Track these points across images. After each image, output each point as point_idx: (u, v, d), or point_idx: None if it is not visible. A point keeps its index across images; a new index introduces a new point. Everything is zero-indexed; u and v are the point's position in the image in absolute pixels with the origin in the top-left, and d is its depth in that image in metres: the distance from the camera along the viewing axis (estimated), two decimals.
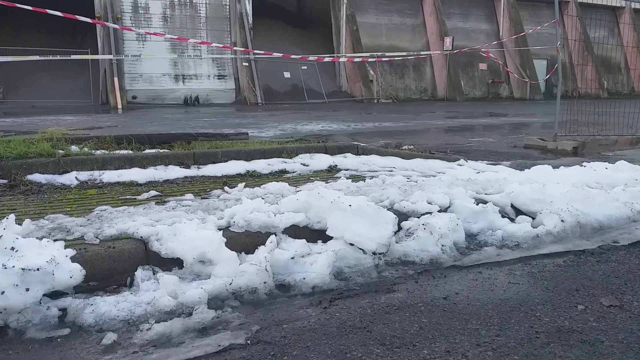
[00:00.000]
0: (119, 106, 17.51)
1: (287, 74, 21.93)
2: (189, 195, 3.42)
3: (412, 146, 5.91)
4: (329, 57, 20.24)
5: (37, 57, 7.08)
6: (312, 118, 11.82)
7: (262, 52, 8.71)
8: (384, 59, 17.47)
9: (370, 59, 18.29)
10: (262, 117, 12.11)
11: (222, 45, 19.33)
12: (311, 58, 16.62)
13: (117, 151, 4.24)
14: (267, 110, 16.70)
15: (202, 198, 3.42)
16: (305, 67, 21.84)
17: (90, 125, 9.58)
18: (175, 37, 16.06)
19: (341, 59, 21.62)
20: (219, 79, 20.92)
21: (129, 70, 19.22)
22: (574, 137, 7.04)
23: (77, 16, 6.43)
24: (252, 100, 19.94)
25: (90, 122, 10.49)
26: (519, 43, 26.28)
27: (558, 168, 4.67)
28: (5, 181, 3.67)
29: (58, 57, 7.73)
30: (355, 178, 4.13)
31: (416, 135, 8.41)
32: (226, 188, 3.64)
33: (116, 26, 14.87)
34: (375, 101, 22.20)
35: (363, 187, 3.54)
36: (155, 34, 15.96)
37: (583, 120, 7.78)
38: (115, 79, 17.82)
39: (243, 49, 17.30)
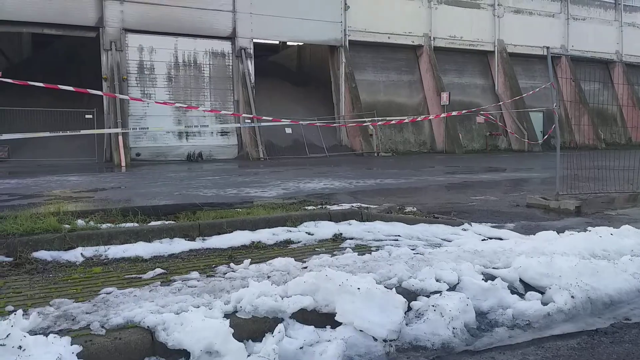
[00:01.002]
0: (123, 164, 17.72)
1: (288, 130, 22.33)
2: (195, 274, 3.41)
3: (414, 208, 5.93)
4: (328, 121, 20.73)
5: (47, 134, 7.21)
6: (314, 175, 11.93)
7: (270, 119, 8.97)
8: (379, 122, 17.83)
9: (369, 123, 18.67)
10: (264, 175, 12.21)
11: (230, 112, 19.91)
12: (318, 124, 17.08)
13: (123, 224, 4.26)
14: (269, 166, 16.87)
15: (207, 276, 3.40)
16: (306, 123, 22.24)
17: (94, 187, 9.66)
18: (184, 105, 16.55)
19: (342, 120, 22.14)
20: (222, 135, 21.28)
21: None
22: (575, 196, 7.08)
23: (88, 89, 6.65)
24: (254, 155, 20.20)
25: (95, 182, 10.57)
26: (514, 98, 26.89)
27: (563, 232, 4.68)
28: (10, 259, 3.66)
29: (68, 133, 7.87)
30: (361, 249, 4.12)
31: (418, 194, 8.45)
32: (232, 265, 3.62)
33: (125, 97, 15.34)
34: (375, 155, 22.48)
35: (370, 262, 3.53)
36: (164, 102, 16.44)
37: (583, 175, 7.86)
38: (120, 137, 18.13)
39: (251, 116, 17.74)
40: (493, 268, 3.45)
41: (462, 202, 7.24)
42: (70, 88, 6.70)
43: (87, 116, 18.88)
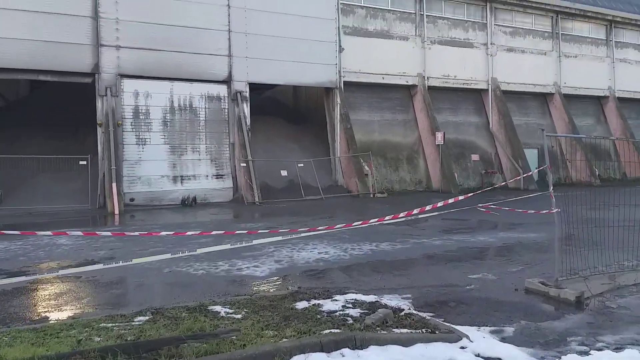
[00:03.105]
0: (116, 211, 17.58)
1: (284, 172, 22.28)
2: None
3: (410, 308, 5.78)
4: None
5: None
6: (308, 238, 11.81)
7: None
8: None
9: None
10: (257, 233, 12.04)
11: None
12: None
13: None
14: (264, 215, 16.74)
15: None
16: (302, 165, 22.25)
17: (83, 258, 9.48)
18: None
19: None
20: (217, 178, 21.20)
21: (127, 174, 19.50)
22: (574, 277, 6.95)
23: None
24: (249, 199, 20.08)
25: (84, 249, 10.39)
26: (509, 136, 27.07)
27: (564, 340, 4.52)
28: None
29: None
30: None
31: (414, 269, 8.30)
32: None
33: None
34: (371, 196, 22.40)
35: None
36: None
37: (580, 236, 7.69)
38: (114, 185, 18.02)
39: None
40: None
41: (459, 285, 7.09)
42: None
43: (81, 162, 18.81)
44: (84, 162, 18.74)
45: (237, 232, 7.40)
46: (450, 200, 7.66)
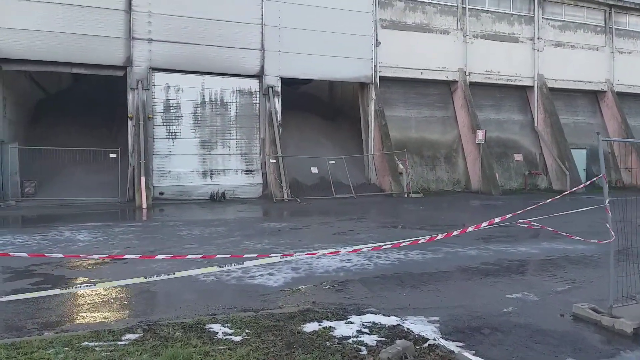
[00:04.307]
0: (144, 205, 17.40)
1: (314, 169, 21.65)
2: None
3: (437, 338, 5.00)
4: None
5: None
6: (334, 237, 11.15)
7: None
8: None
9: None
10: (281, 235, 11.48)
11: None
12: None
13: None
14: (292, 214, 16.18)
15: None
16: (333, 162, 21.55)
17: (99, 251, 9.14)
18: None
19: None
20: (246, 174, 20.80)
21: (157, 167, 19.35)
22: (631, 308, 5.98)
23: None
24: (278, 196, 19.58)
25: (101, 245, 10.07)
26: (555, 135, 25.51)
27: None
28: None
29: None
30: None
31: (444, 284, 7.48)
32: None
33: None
34: (406, 195, 21.49)
35: None
36: None
37: (633, 250, 6.75)
38: (142, 178, 17.85)
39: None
40: None
41: (495, 307, 6.24)
42: None
43: (111, 155, 18.76)
44: (114, 155, 18.68)
45: (245, 254, 6.76)
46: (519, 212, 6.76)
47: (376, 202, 19.94)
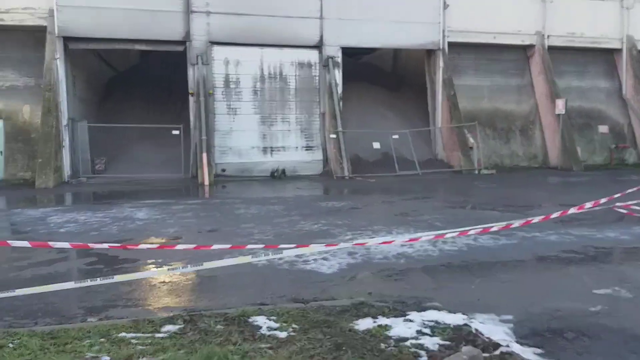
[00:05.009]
0: (206, 182, 17.47)
1: (376, 145, 20.79)
2: None
3: (508, 344, 4.26)
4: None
5: None
6: (396, 219, 10.44)
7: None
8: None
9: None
10: (340, 215, 10.90)
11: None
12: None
13: None
14: (353, 192, 15.61)
15: None
16: (397, 137, 20.54)
17: (151, 236, 9.06)
18: None
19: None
20: (306, 150, 20.36)
21: (219, 144, 19.36)
22: None
23: None
24: (338, 173, 19.01)
25: (158, 225, 10.01)
26: None
27: None
28: None
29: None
30: None
31: (519, 275, 6.61)
32: None
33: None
34: (476, 172, 20.16)
35: None
36: None
37: None
38: (204, 155, 17.89)
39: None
40: None
41: (579, 305, 5.33)
42: None
43: (174, 132, 18.92)
44: (177, 132, 18.84)
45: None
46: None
47: (443, 179, 18.86)
